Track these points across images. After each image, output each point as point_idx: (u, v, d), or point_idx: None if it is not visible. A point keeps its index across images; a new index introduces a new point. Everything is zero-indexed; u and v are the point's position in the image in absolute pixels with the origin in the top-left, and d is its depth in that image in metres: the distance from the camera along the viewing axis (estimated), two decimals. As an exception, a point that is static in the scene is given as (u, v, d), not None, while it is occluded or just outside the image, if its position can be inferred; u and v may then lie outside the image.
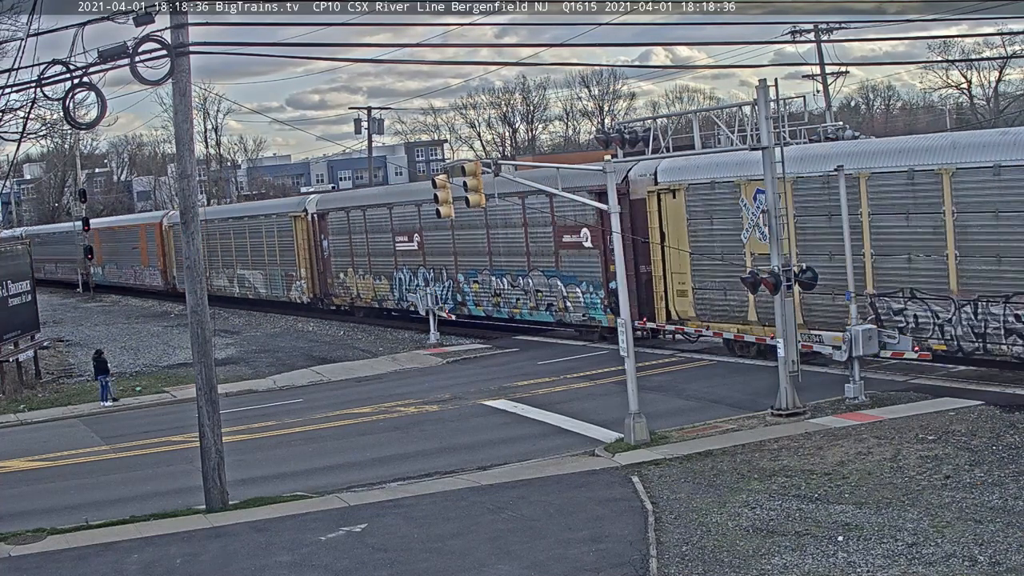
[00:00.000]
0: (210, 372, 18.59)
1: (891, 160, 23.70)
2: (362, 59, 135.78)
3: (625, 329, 20.59)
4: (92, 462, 23.23)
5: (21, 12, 26.64)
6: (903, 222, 23.45)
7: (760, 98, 21.29)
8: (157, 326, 49.04)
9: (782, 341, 21.37)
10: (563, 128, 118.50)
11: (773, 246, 21.50)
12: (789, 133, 25.29)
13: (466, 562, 14.46)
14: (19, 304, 34.72)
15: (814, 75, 59.23)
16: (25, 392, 32.62)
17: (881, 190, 23.76)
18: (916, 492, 15.77)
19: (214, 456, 18.31)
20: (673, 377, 26.94)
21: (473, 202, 21.55)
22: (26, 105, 26.38)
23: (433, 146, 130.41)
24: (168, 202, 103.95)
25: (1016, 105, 75.76)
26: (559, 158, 59.82)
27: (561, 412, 23.83)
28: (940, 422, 19.59)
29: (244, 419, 26.07)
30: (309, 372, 33.12)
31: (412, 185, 58.56)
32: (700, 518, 15.40)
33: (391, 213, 41.49)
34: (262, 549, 15.74)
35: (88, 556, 16.08)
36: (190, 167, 18.71)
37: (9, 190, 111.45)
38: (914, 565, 13.00)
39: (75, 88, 17.51)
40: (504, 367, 30.93)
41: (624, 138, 23.55)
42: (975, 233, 22.18)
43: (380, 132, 68.72)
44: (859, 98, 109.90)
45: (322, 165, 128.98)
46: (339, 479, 19.90)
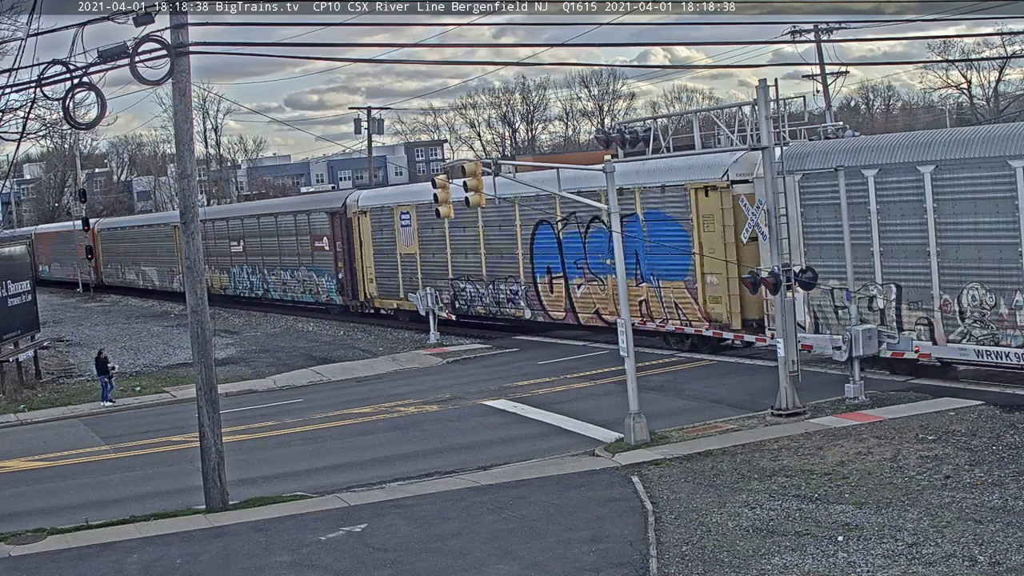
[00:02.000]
0: (210, 372, 18.59)
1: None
2: (360, 59, 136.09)
3: (625, 329, 20.59)
4: (92, 462, 23.24)
5: (21, 12, 26.62)
6: (462, 232, 37.02)
7: (760, 98, 21.30)
8: (157, 326, 49.05)
9: (782, 341, 21.37)
10: (563, 128, 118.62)
11: (773, 246, 21.50)
12: (789, 133, 25.29)
13: (466, 562, 14.46)
14: (19, 304, 34.71)
15: (814, 75, 59.23)
16: (25, 392, 32.63)
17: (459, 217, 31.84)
18: (916, 492, 15.77)
19: (214, 456, 18.31)
20: (673, 377, 26.94)
21: (473, 202, 21.65)
22: (26, 105, 26.38)
23: (433, 146, 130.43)
24: (168, 202, 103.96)
25: (1016, 105, 75.79)
26: (558, 158, 59.75)
27: (561, 412, 23.83)
28: (940, 422, 19.59)
29: (244, 419, 26.08)
30: (309, 372, 33.13)
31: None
32: (700, 518, 15.40)
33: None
34: (262, 549, 15.74)
35: (88, 556, 16.08)
36: (190, 167, 18.71)
37: (9, 190, 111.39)
38: (914, 565, 13.00)
39: (75, 88, 17.50)
40: (504, 367, 30.93)
41: (624, 138, 23.54)
42: (493, 239, 35.73)
43: (380, 132, 68.69)
44: (859, 98, 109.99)
45: (322, 165, 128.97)
46: (339, 479, 19.90)
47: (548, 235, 33.50)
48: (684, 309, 28.98)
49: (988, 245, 21.57)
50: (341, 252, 43.48)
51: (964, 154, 21.80)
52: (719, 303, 27.87)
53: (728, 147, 23.16)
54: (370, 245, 41.92)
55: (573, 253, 32.55)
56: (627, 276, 22.70)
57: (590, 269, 31.99)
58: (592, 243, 31.65)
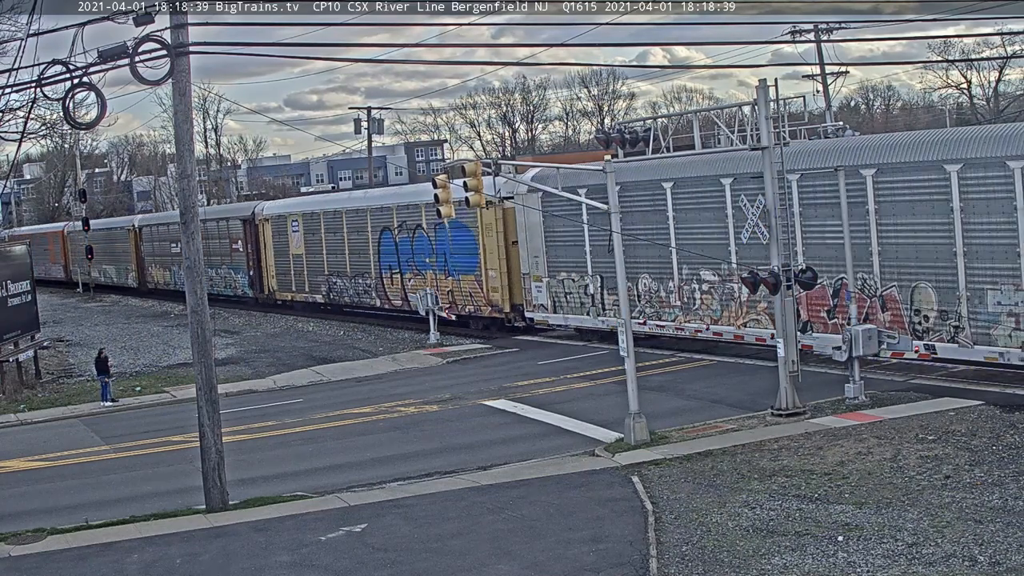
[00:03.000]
0: (210, 372, 18.59)
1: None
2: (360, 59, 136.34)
3: (625, 330, 20.59)
4: (92, 462, 23.24)
5: (21, 12, 26.62)
6: (334, 237, 44.53)
7: (760, 98, 21.29)
8: (157, 326, 49.06)
9: (782, 341, 21.37)
10: (563, 128, 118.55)
11: (773, 246, 21.50)
12: (789, 133, 25.32)
13: (466, 562, 14.46)
14: (19, 304, 34.71)
15: (814, 75, 59.20)
16: (25, 392, 32.62)
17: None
18: (916, 492, 15.77)
19: (214, 456, 18.31)
20: (673, 377, 26.95)
21: (474, 202, 21.69)
22: (26, 105, 26.35)
23: (433, 146, 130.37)
24: (168, 202, 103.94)
25: (1016, 105, 75.76)
26: (558, 158, 59.77)
27: (561, 412, 23.84)
28: (940, 422, 19.59)
29: (244, 419, 26.08)
30: (309, 372, 33.13)
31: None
32: (700, 518, 15.40)
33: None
34: (262, 549, 15.74)
35: (88, 556, 16.08)
36: (190, 167, 18.71)
37: (9, 190, 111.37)
38: (914, 565, 13.00)
39: (75, 88, 17.49)
40: (504, 367, 30.94)
41: (624, 138, 23.55)
42: (354, 242, 43.05)
43: (380, 132, 68.74)
44: (859, 98, 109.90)
45: (322, 165, 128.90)
46: (339, 479, 19.90)
47: (389, 239, 41.32)
48: (475, 297, 36.86)
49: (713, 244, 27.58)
50: (251, 253, 51.74)
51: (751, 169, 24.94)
52: (496, 292, 35.80)
53: (728, 147, 23.16)
54: (271, 247, 50.13)
55: (406, 254, 40.25)
56: (438, 271, 36.12)
57: (417, 266, 39.52)
58: (418, 246, 39.54)
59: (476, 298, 36.62)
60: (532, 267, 33.87)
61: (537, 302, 33.88)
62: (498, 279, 35.51)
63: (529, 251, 33.88)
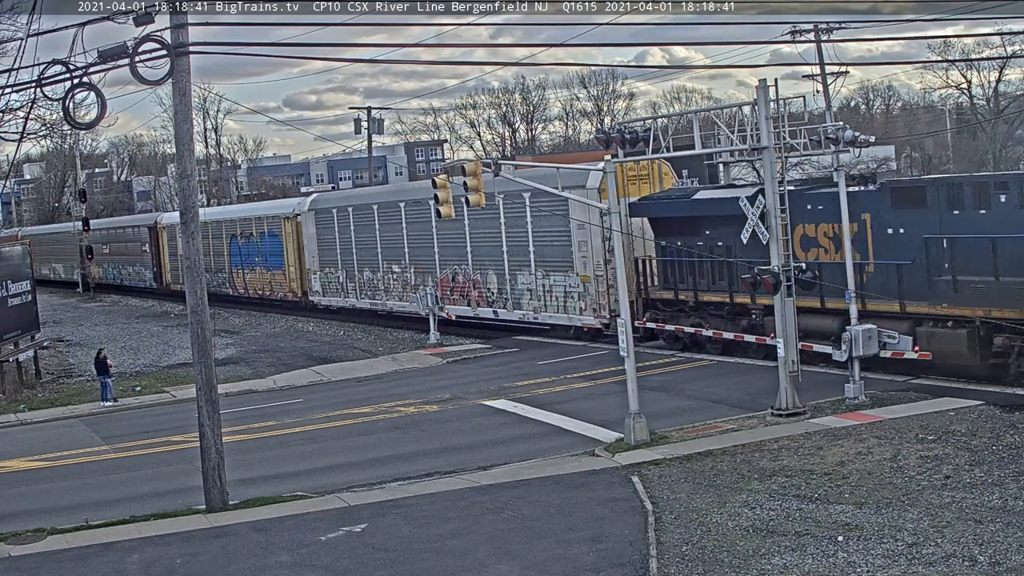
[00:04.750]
0: (210, 372, 18.59)
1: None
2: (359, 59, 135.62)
3: (625, 330, 20.59)
4: (92, 462, 23.24)
5: (21, 12, 26.61)
6: (207, 241, 51.43)
7: (760, 98, 21.30)
8: (157, 326, 49.10)
9: (782, 341, 21.37)
10: (563, 128, 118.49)
11: (773, 246, 21.50)
12: (789, 133, 25.29)
13: (466, 562, 14.46)
14: (19, 304, 34.72)
15: (813, 75, 59.12)
16: (25, 392, 32.63)
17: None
18: (916, 492, 15.78)
19: (214, 456, 18.31)
20: (673, 377, 26.95)
21: (474, 202, 21.69)
22: (26, 105, 26.33)
23: (433, 146, 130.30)
24: (168, 202, 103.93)
25: (1016, 105, 75.69)
26: (557, 158, 59.79)
27: (561, 412, 23.83)
28: (940, 422, 19.60)
29: (244, 419, 26.08)
30: (309, 372, 33.14)
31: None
32: (700, 518, 15.40)
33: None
34: (262, 549, 15.74)
35: (88, 556, 16.08)
36: (190, 167, 18.71)
37: (9, 190, 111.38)
38: (914, 565, 13.01)
39: (75, 88, 17.47)
40: (504, 367, 30.94)
41: (624, 138, 23.53)
42: (216, 245, 54.97)
43: (380, 132, 68.65)
44: (859, 98, 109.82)
45: (322, 165, 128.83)
46: (339, 479, 19.90)
47: (235, 243, 54.28)
48: (282, 285, 50.11)
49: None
50: (154, 254, 63.58)
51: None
52: (294, 282, 49.10)
53: (728, 147, 23.17)
54: (167, 249, 60.96)
55: (245, 254, 53.33)
56: (263, 267, 51.64)
57: (251, 264, 52.73)
58: (252, 248, 52.56)
59: (283, 286, 50.58)
60: (311, 264, 47.22)
61: (314, 288, 47.42)
62: (295, 272, 49.09)
63: (308, 253, 47.30)
